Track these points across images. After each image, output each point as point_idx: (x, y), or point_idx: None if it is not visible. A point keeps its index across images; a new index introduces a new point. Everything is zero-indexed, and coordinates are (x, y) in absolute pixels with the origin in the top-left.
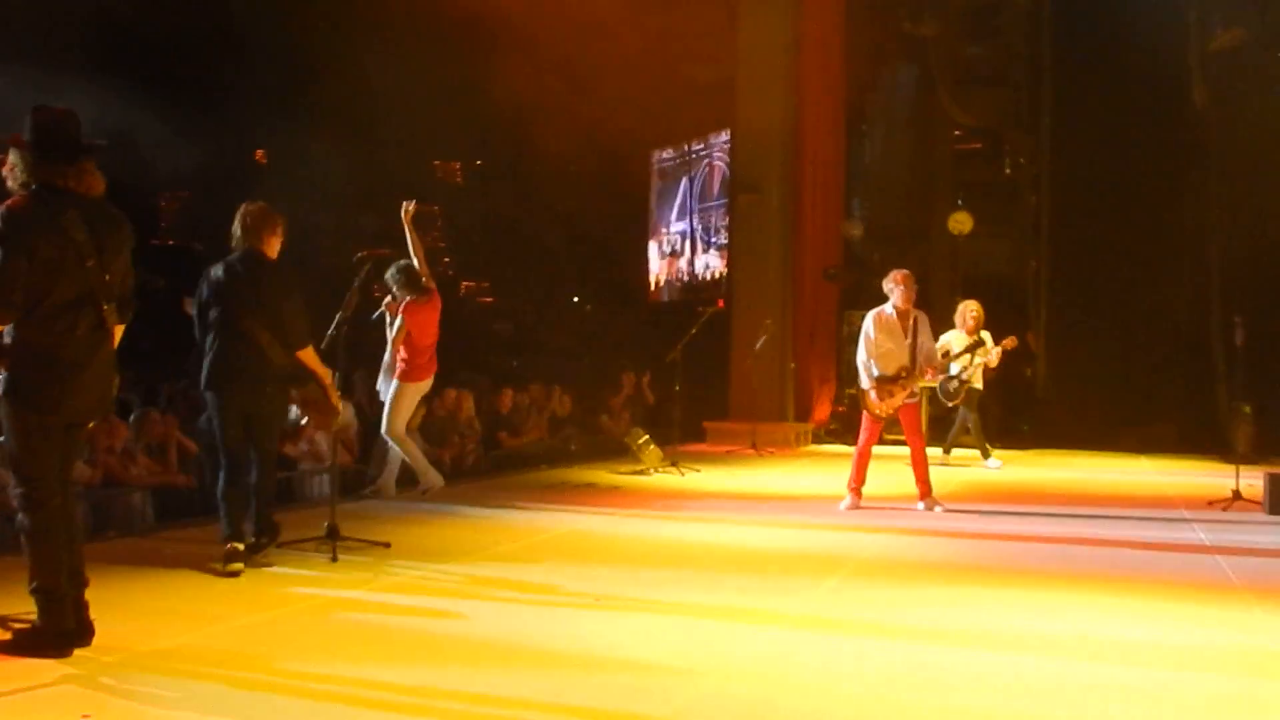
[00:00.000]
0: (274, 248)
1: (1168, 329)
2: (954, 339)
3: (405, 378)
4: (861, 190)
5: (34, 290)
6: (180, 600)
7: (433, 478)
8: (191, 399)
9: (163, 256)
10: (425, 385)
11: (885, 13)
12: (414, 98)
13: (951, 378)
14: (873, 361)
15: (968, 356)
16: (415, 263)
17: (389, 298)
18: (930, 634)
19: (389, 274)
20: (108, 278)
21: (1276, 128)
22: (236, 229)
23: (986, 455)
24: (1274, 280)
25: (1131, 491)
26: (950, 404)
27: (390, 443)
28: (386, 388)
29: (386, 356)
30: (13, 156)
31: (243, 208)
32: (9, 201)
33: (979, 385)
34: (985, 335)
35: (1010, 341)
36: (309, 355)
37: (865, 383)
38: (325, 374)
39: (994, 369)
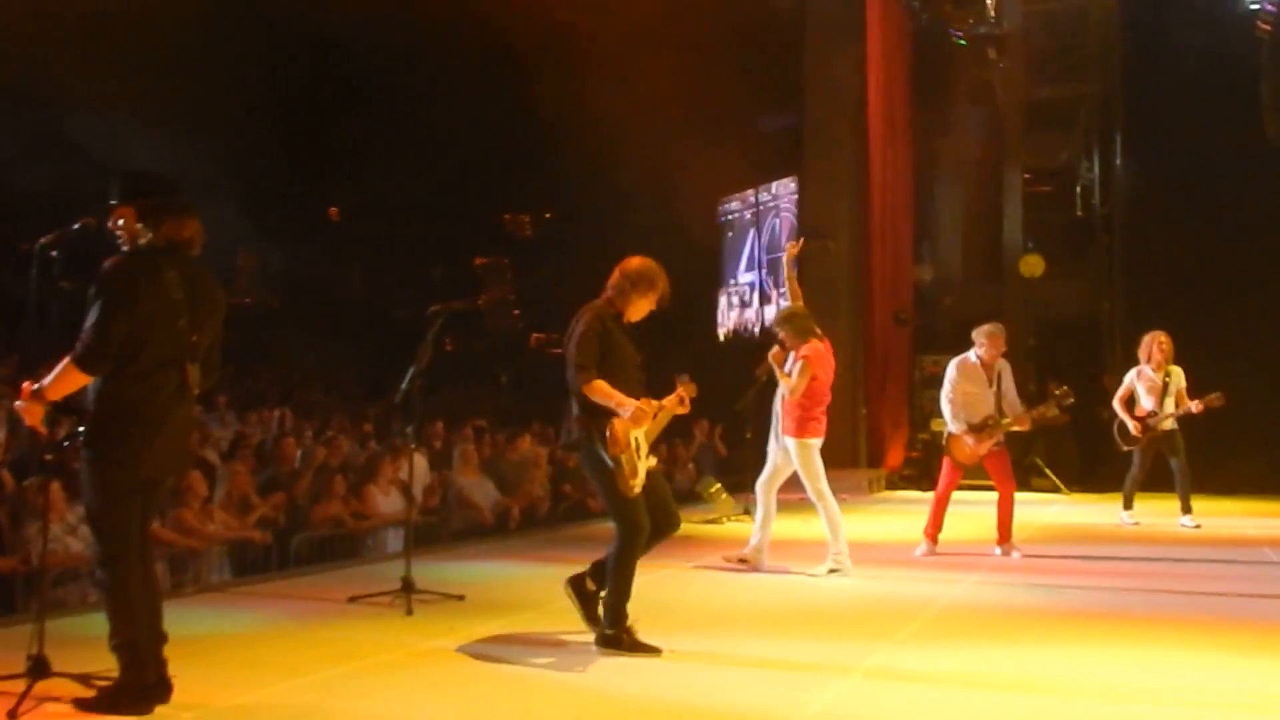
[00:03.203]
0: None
1: (1247, 368)
2: (1141, 375)
3: (811, 432)
4: (931, 234)
5: (130, 346)
6: (259, 655)
7: (761, 557)
8: None
9: (239, 314)
10: (821, 442)
11: (953, 57)
12: (484, 149)
13: (1137, 419)
14: (960, 408)
15: (1170, 403)
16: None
17: (774, 349)
18: (1011, 684)
19: (774, 320)
20: (195, 339)
21: None
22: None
23: (1127, 506)
24: None
25: (1216, 534)
26: (1126, 448)
27: (763, 505)
28: (778, 447)
29: (777, 407)
30: (122, 217)
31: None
32: (116, 257)
33: (1169, 427)
34: (1176, 370)
35: (1216, 399)
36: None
37: (954, 428)
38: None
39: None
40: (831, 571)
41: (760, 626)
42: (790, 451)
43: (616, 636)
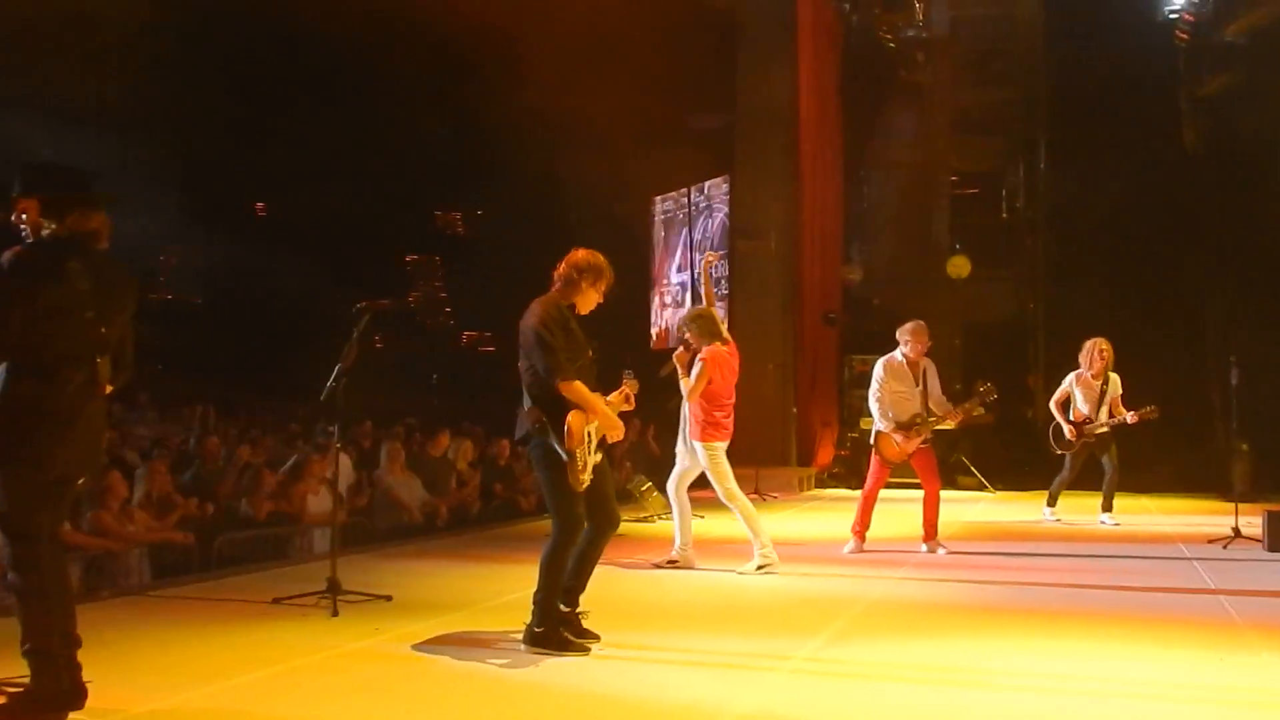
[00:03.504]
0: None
1: (1164, 369)
2: (1079, 380)
3: (713, 436)
4: (860, 235)
5: (32, 339)
6: (178, 659)
7: (690, 554)
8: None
9: (162, 311)
10: (725, 445)
11: (883, 61)
12: (417, 146)
13: (1072, 424)
14: (889, 406)
15: (1105, 411)
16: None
17: (678, 349)
18: (938, 676)
19: (682, 320)
20: (104, 330)
21: (1265, 168)
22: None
23: (1050, 504)
24: (1267, 320)
25: (1133, 531)
26: (1059, 451)
27: (677, 504)
28: (686, 448)
29: (685, 409)
30: (25, 210)
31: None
32: (15, 247)
33: (1103, 432)
34: (1114, 377)
35: (1151, 411)
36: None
37: (883, 426)
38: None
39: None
40: (760, 569)
41: (690, 623)
42: (697, 454)
43: (545, 635)
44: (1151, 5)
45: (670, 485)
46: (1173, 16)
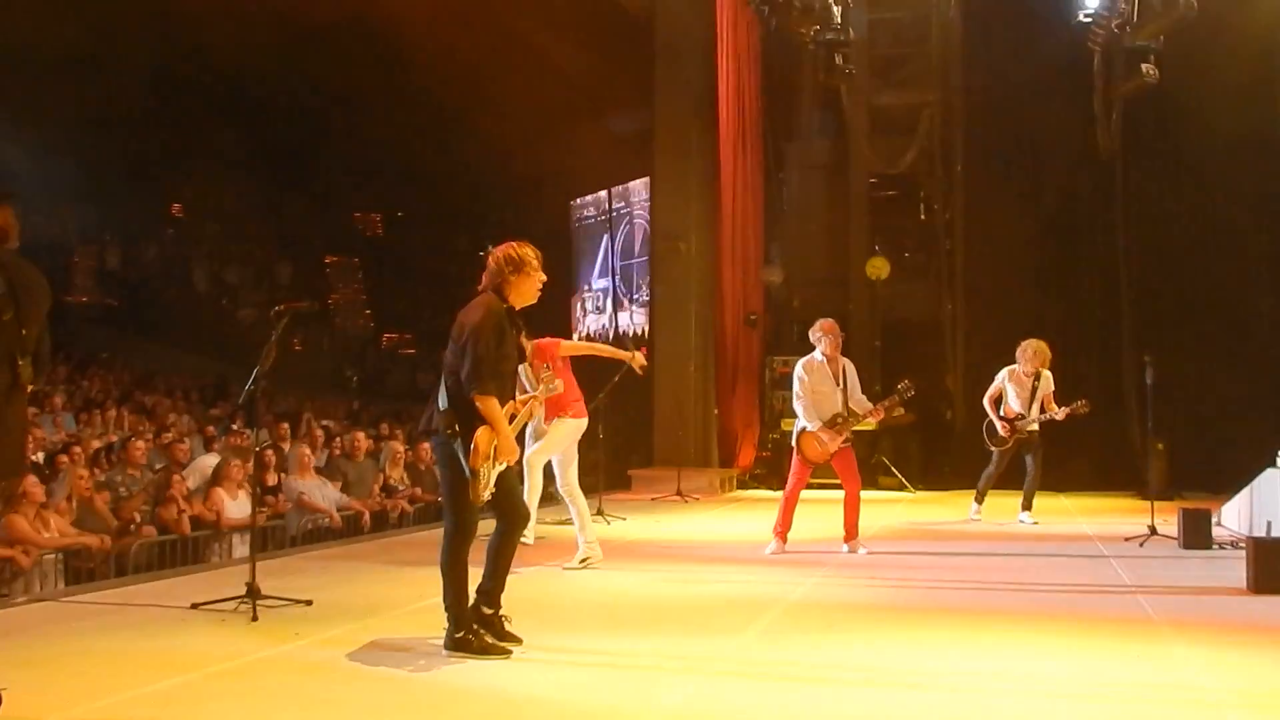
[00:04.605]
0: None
1: (1080, 369)
2: (1013, 376)
3: (583, 412)
4: (780, 237)
5: None
6: (93, 666)
7: (596, 551)
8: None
9: (77, 313)
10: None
11: (800, 63)
12: (333, 148)
13: (1004, 420)
14: (812, 407)
15: (1036, 408)
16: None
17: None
18: (857, 675)
19: None
20: (24, 332)
21: (1177, 171)
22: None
23: (978, 500)
24: (1180, 320)
25: (1051, 530)
26: (994, 449)
27: (570, 500)
28: (550, 443)
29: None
30: None
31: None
32: None
33: (1034, 428)
34: (1045, 374)
35: (1081, 406)
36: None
37: (810, 425)
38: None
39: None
40: (583, 561)
41: (612, 625)
42: (567, 430)
43: (465, 639)
44: (1065, 9)
45: (563, 491)
46: (1086, 20)
